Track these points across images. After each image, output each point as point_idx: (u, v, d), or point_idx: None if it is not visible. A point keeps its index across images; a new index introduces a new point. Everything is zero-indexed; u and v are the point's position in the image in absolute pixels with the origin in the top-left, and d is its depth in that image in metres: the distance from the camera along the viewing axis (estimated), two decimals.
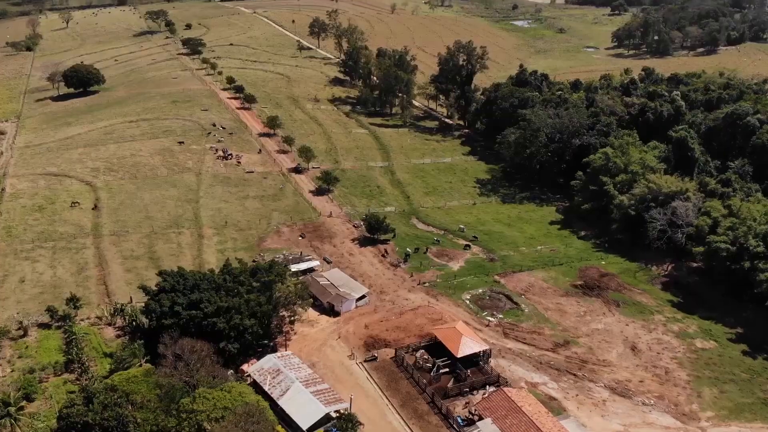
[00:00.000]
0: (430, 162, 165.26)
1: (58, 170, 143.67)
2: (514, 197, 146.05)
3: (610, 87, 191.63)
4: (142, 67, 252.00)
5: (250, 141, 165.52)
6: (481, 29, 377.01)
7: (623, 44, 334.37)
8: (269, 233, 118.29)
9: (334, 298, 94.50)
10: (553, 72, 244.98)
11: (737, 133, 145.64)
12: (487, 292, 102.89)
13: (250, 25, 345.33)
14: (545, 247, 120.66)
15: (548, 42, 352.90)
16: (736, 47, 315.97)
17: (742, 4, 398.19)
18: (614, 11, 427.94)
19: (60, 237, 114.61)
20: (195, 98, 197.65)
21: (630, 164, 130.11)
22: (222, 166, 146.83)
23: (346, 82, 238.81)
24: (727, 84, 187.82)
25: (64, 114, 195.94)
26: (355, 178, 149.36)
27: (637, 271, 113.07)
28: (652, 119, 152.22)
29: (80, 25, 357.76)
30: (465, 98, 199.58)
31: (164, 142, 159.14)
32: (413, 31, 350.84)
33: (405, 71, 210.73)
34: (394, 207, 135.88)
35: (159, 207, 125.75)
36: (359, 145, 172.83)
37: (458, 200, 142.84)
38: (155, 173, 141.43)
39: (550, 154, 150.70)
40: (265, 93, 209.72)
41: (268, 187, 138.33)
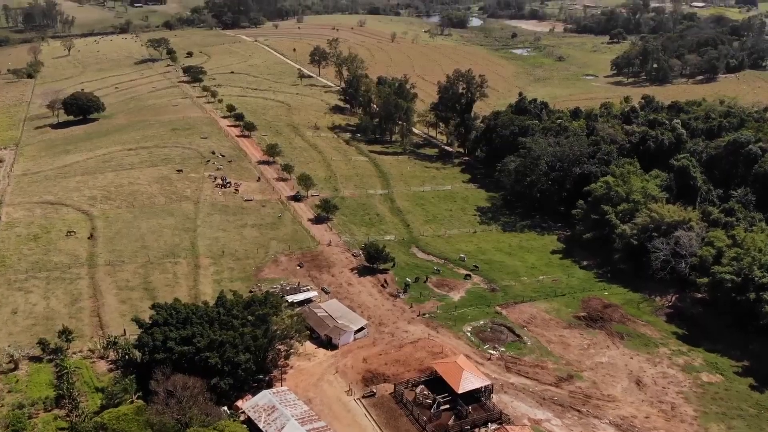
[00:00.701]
0: (430, 189, 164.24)
1: (55, 198, 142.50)
2: (515, 226, 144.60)
3: (611, 115, 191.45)
4: (142, 95, 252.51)
5: (249, 169, 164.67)
6: (481, 57, 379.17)
7: (622, 72, 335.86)
8: (267, 263, 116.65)
9: (331, 330, 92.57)
10: (552, 100, 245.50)
11: (739, 161, 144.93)
12: (489, 323, 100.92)
13: (251, 54, 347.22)
14: (547, 277, 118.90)
15: (547, 70, 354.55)
16: (736, 75, 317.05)
17: (740, 32, 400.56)
18: (613, 39, 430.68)
19: (54, 267, 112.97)
20: (195, 126, 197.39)
21: (631, 193, 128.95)
22: (220, 194, 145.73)
23: (346, 110, 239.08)
24: (728, 112, 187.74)
25: (63, 142, 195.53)
26: (355, 206, 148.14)
27: (641, 302, 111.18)
28: (653, 148, 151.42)
29: (82, 53, 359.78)
30: (465, 126, 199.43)
31: (163, 170, 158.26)
32: (413, 59, 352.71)
33: (405, 99, 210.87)
34: (394, 235, 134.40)
35: (156, 236, 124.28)
36: (359, 172, 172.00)
37: (458, 228, 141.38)
38: (153, 202, 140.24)
39: (550, 182, 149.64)
40: (265, 121, 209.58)
41: (267, 215, 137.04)
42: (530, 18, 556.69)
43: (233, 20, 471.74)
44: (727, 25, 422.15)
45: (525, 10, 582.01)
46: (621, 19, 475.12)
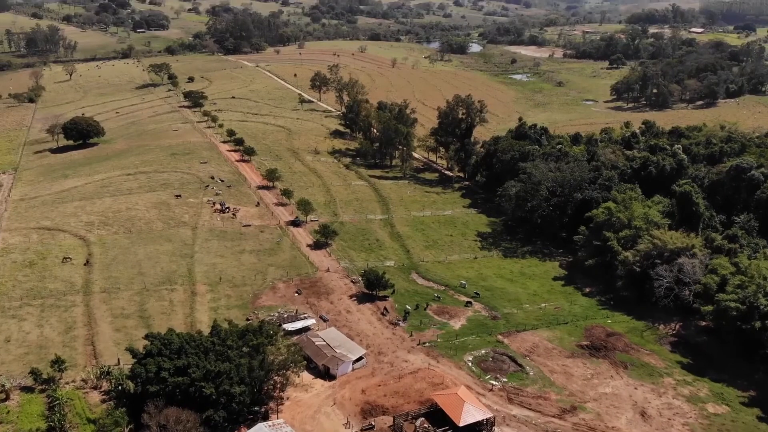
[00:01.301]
0: (430, 214, 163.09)
1: (52, 224, 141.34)
2: (516, 251, 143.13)
3: (611, 140, 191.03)
4: (142, 120, 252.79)
5: (248, 194, 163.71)
6: (480, 82, 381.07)
7: (622, 97, 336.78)
8: (264, 289, 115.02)
9: (329, 360, 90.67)
10: (552, 125, 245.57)
11: (741, 187, 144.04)
12: (490, 353, 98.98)
13: (253, 79, 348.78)
14: (549, 304, 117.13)
15: (547, 95, 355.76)
16: (736, 100, 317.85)
17: (739, 58, 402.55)
18: (612, 65, 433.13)
19: (49, 294, 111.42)
20: (194, 151, 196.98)
21: (633, 219, 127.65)
22: (219, 220, 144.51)
23: (346, 135, 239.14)
24: (729, 137, 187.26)
25: (62, 166, 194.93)
26: (354, 231, 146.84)
27: (644, 330, 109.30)
28: (654, 173, 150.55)
29: (83, 78, 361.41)
30: (465, 151, 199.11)
31: (161, 195, 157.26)
32: (413, 84, 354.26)
33: (405, 124, 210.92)
34: (394, 261, 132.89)
35: (152, 263, 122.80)
36: (359, 197, 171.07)
37: (459, 254, 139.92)
38: (150, 227, 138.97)
39: (551, 208, 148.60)
40: (266, 145, 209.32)
41: (265, 240, 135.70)
42: (529, 44, 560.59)
43: (235, 46, 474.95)
44: (726, 50, 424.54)
45: (524, 36, 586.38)
46: (620, 45, 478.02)
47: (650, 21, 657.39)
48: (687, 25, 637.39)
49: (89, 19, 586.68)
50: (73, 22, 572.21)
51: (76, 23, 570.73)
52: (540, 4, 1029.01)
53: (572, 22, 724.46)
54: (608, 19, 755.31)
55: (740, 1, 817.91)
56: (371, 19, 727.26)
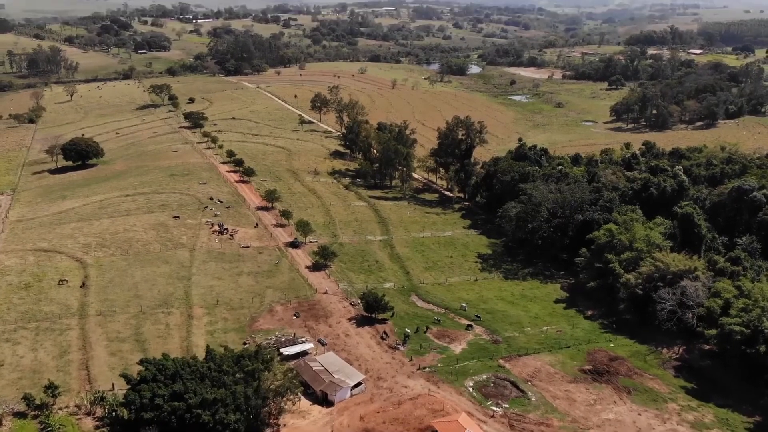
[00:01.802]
0: (430, 235, 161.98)
1: (49, 246, 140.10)
2: (517, 273, 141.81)
3: (612, 161, 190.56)
4: (142, 140, 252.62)
5: (247, 215, 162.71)
6: (480, 103, 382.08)
7: (622, 118, 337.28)
8: (262, 312, 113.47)
9: (327, 386, 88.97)
10: (552, 145, 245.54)
11: (743, 208, 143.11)
12: (492, 378, 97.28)
13: (253, 100, 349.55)
14: (551, 327, 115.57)
15: (546, 116, 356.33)
16: (735, 121, 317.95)
17: (738, 79, 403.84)
18: (611, 86, 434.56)
19: (44, 317, 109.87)
20: (194, 172, 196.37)
21: (635, 241, 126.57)
22: (217, 241, 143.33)
23: (346, 155, 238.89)
24: (729, 158, 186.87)
25: (60, 187, 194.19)
26: (353, 253, 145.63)
27: (647, 354, 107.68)
28: (655, 195, 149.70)
29: (84, 98, 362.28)
30: (465, 171, 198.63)
31: (159, 216, 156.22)
32: (413, 105, 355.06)
33: (404, 145, 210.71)
34: (393, 283, 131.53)
35: (149, 285, 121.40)
36: (358, 218, 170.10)
37: (459, 276, 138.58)
38: (148, 249, 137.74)
39: (552, 229, 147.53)
40: (265, 166, 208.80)
41: (263, 262, 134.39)
42: (529, 65, 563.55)
43: (236, 67, 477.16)
44: (725, 71, 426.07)
45: (523, 58, 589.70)
46: (619, 66, 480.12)
47: (649, 42, 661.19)
48: (685, 47, 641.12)
49: (91, 41, 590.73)
50: (75, 44, 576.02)
51: (78, 44, 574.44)
52: (539, 26, 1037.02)
53: (571, 44, 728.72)
54: (607, 40, 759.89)
55: (738, 23, 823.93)
56: (371, 41, 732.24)
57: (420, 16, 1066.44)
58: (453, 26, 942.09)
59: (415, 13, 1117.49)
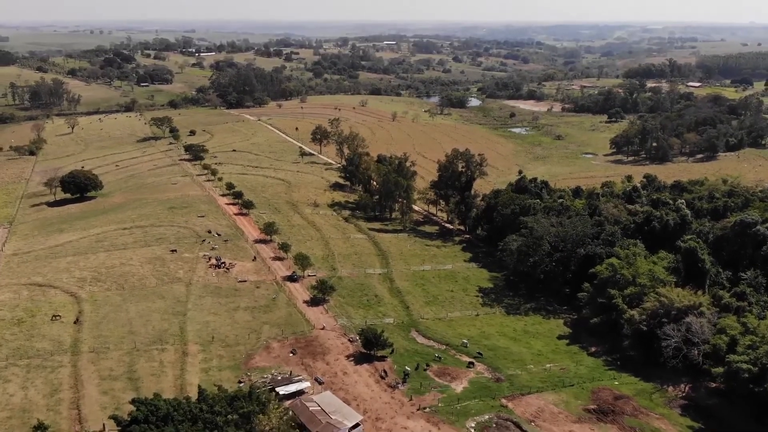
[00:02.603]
0: (431, 269, 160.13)
1: (44, 280, 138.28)
2: (519, 308, 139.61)
3: (613, 194, 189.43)
4: (142, 173, 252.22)
5: (245, 248, 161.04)
6: (480, 135, 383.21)
7: (622, 151, 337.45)
8: (258, 349, 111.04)
9: (324, 427, 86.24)
10: (552, 178, 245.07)
11: (747, 242, 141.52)
12: (494, 418, 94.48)
13: (254, 132, 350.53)
14: (554, 365, 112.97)
15: (546, 148, 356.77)
16: (736, 153, 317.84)
17: (737, 111, 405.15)
18: (611, 119, 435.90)
19: (36, 354, 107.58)
20: (192, 204, 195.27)
21: (638, 276, 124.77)
22: (214, 275, 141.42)
23: (346, 187, 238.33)
24: (731, 191, 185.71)
25: (58, 220, 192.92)
26: (353, 287, 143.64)
27: (653, 393, 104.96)
28: (658, 228, 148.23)
29: (85, 131, 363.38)
30: (465, 204, 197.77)
31: (156, 250, 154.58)
32: (413, 137, 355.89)
33: (404, 177, 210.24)
34: (393, 318, 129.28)
35: (144, 321, 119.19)
36: (357, 251, 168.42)
37: (460, 311, 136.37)
38: (144, 284, 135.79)
39: (554, 263, 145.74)
40: (265, 198, 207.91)
41: (261, 297, 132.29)
42: (528, 98, 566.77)
43: (237, 100, 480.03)
44: (724, 104, 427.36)
45: (523, 91, 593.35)
46: (618, 99, 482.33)
47: (647, 75, 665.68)
48: (684, 80, 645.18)
49: (94, 73, 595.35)
50: (78, 76, 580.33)
51: (80, 77, 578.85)
52: (537, 59, 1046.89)
53: (570, 77, 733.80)
54: (606, 73, 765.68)
55: (736, 56, 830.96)
56: (372, 75, 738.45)
57: (420, 50, 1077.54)
58: (453, 60, 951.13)
59: (416, 47, 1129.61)
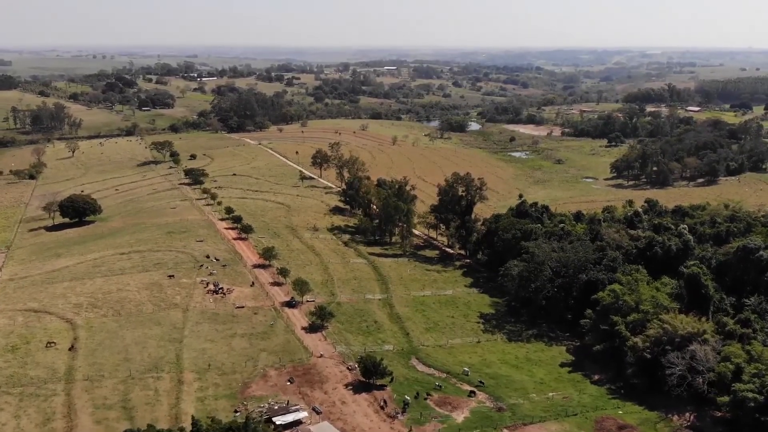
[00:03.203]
0: (431, 294, 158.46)
1: (39, 306, 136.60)
2: (521, 335, 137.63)
3: (614, 219, 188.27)
4: (141, 197, 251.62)
5: (243, 273, 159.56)
6: (480, 159, 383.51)
7: (622, 175, 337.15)
8: (255, 377, 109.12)
9: None
10: (553, 202, 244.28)
11: (750, 268, 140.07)
12: None
13: (255, 156, 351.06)
14: (557, 394, 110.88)
15: (546, 172, 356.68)
16: (737, 178, 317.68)
17: (738, 135, 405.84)
18: (611, 143, 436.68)
19: (30, 382, 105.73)
20: (191, 229, 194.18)
21: (641, 303, 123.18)
22: (211, 301, 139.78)
23: (346, 211, 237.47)
24: (733, 216, 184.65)
25: (56, 245, 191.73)
26: (352, 312, 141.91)
27: (658, 422, 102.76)
28: (660, 254, 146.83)
29: (85, 155, 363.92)
30: (465, 228, 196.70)
31: (154, 275, 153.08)
32: (414, 161, 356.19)
33: (404, 201, 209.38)
34: (392, 345, 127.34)
35: (140, 348, 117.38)
36: (357, 275, 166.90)
37: (461, 337, 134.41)
38: (140, 310, 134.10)
39: (556, 289, 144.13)
40: (264, 222, 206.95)
41: (258, 323, 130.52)
42: (527, 123, 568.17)
43: (238, 124, 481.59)
44: (724, 128, 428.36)
45: (522, 115, 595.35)
46: (618, 123, 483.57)
47: (647, 100, 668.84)
48: (683, 104, 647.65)
49: (96, 98, 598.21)
50: (80, 101, 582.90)
51: (82, 101, 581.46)
52: (537, 84, 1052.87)
53: (569, 102, 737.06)
54: (605, 98, 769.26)
55: (735, 81, 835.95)
56: (373, 99, 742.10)
57: (420, 75, 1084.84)
58: (452, 85, 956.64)
59: (416, 72, 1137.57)
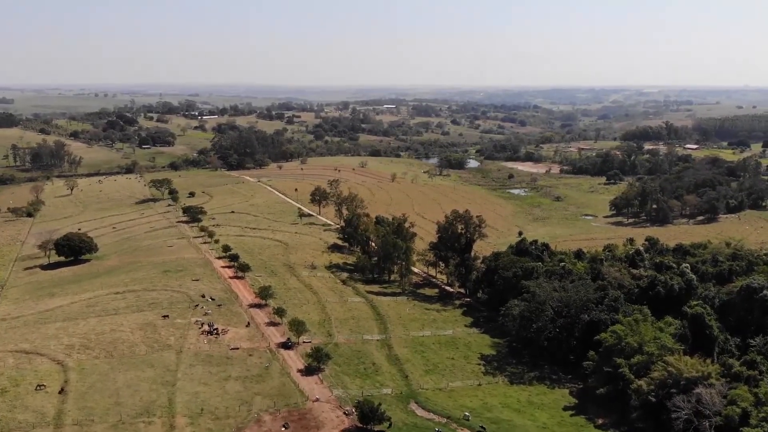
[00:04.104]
0: (431, 334, 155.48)
1: (31, 347, 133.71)
2: (523, 377, 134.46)
3: (615, 258, 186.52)
4: (138, 235, 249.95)
5: (239, 313, 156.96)
6: (479, 196, 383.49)
7: (622, 212, 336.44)
8: (249, 423, 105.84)
9: None
10: (552, 240, 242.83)
11: (754, 307, 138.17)
12: None
13: (254, 193, 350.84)
14: None
15: (546, 210, 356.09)
16: (737, 215, 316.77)
17: (736, 173, 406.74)
18: (610, 180, 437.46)
19: (17, 426, 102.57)
20: (187, 268, 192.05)
21: (645, 344, 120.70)
22: (205, 342, 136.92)
23: (344, 249, 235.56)
24: (735, 255, 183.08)
25: (50, 284, 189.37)
26: (349, 354, 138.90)
27: None
28: (663, 293, 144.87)
29: (84, 192, 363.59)
30: (465, 266, 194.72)
31: (148, 315, 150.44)
32: (413, 198, 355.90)
33: (403, 239, 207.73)
34: (391, 388, 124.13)
35: (132, 391, 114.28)
36: (355, 315, 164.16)
37: (462, 380, 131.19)
38: (133, 351, 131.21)
39: (558, 329, 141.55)
40: (261, 260, 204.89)
41: (253, 366, 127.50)
42: (526, 160, 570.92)
43: (238, 162, 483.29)
44: (722, 166, 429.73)
45: (521, 153, 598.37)
46: (616, 161, 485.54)
47: (645, 138, 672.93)
48: (681, 142, 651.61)
49: (96, 136, 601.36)
50: (81, 138, 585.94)
51: (83, 139, 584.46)
52: (535, 122, 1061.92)
53: (567, 140, 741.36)
54: (603, 136, 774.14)
55: (732, 118, 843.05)
56: (372, 137, 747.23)
57: (419, 113, 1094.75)
58: (451, 123, 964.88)
59: (415, 110, 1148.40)
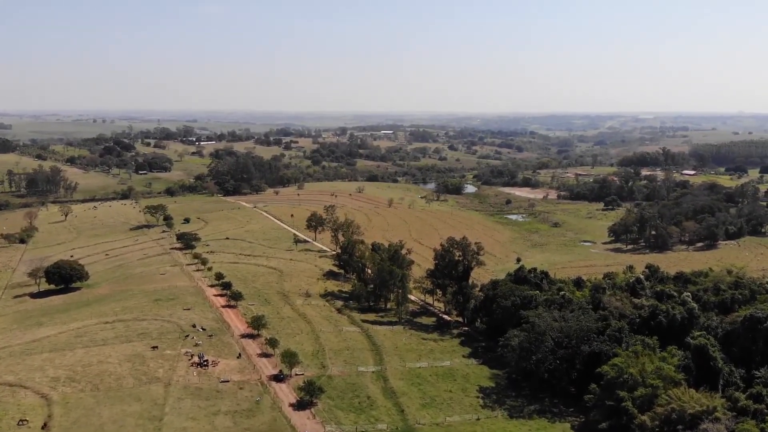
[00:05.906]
0: (428, 366, 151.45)
1: (15, 379, 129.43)
2: (523, 410, 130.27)
3: (615, 286, 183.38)
4: (131, 262, 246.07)
5: (230, 344, 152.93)
6: (476, 222, 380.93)
7: (620, 239, 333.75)
8: None
9: None
10: (551, 266, 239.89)
11: (758, 338, 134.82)
12: None
13: (249, 219, 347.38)
14: None
15: (543, 236, 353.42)
16: (736, 242, 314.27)
17: (735, 199, 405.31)
18: (607, 206, 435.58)
19: None
20: (179, 296, 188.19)
21: (647, 376, 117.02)
22: (195, 375, 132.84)
23: (340, 276, 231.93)
24: (737, 283, 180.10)
25: (39, 313, 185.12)
26: (343, 387, 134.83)
27: None
28: (664, 323, 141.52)
29: (78, 218, 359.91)
30: (462, 294, 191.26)
31: (137, 346, 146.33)
32: (410, 223, 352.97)
33: (400, 266, 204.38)
34: (386, 424, 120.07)
35: (117, 427, 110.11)
36: (350, 345, 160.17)
37: (460, 414, 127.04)
38: (120, 384, 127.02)
39: (558, 361, 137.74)
40: (255, 288, 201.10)
41: (243, 399, 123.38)
42: (523, 185, 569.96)
43: (235, 187, 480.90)
44: (720, 192, 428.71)
45: (518, 178, 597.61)
46: (614, 187, 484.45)
47: (642, 164, 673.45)
48: (678, 168, 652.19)
49: (93, 161, 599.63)
50: (77, 164, 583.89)
51: (79, 165, 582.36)
52: (531, 148, 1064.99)
53: (564, 165, 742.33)
54: (600, 162, 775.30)
55: (729, 144, 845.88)
56: (369, 162, 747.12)
57: (416, 139, 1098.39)
58: (448, 148, 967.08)
59: (412, 136, 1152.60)
